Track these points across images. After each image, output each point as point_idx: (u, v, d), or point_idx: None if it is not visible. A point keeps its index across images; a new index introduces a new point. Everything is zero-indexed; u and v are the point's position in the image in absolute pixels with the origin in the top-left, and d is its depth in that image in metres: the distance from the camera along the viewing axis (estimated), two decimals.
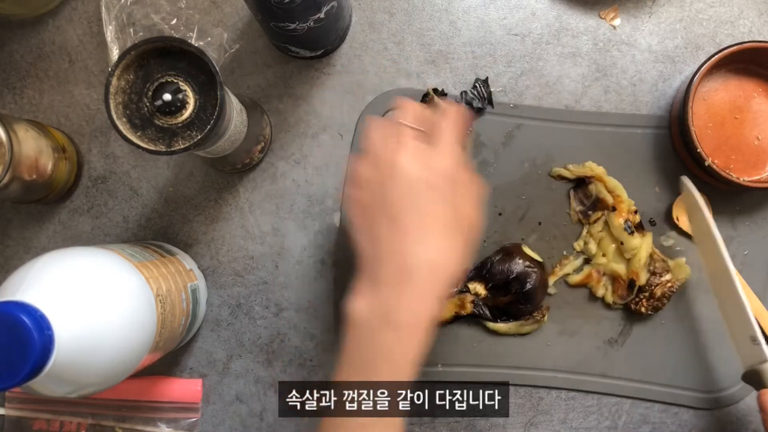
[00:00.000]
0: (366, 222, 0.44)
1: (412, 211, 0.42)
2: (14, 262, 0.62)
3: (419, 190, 0.42)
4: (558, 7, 0.62)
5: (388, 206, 0.42)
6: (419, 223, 0.42)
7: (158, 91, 0.45)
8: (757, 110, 0.59)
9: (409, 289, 0.41)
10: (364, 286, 0.43)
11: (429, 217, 0.42)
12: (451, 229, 0.43)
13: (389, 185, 0.42)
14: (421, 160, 0.42)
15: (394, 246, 0.42)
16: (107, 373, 0.44)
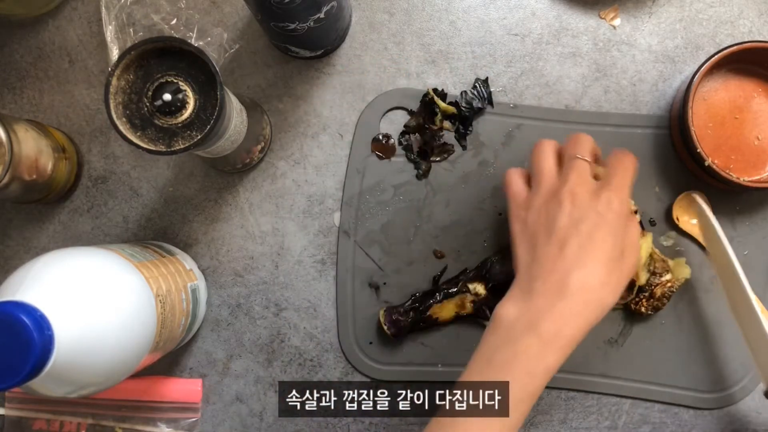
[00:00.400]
0: (531, 240, 0.47)
1: (579, 238, 0.45)
2: (14, 262, 0.62)
3: (590, 220, 0.46)
4: (558, 7, 0.62)
5: (557, 230, 0.46)
6: (583, 250, 0.45)
7: (158, 91, 0.45)
8: (757, 110, 0.59)
9: (562, 305, 0.44)
10: (518, 294, 0.46)
11: (593, 247, 0.45)
12: (612, 262, 0.46)
13: (561, 212, 0.46)
14: (594, 193, 0.47)
15: (555, 265, 0.45)
16: (107, 373, 0.44)
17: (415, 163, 0.61)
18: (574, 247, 0.45)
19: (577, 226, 0.45)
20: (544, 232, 0.47)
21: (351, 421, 0.60)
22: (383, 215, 0.61)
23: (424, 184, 0.61)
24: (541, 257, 0.46)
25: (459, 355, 0.60)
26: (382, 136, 0.61)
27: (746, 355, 0.59)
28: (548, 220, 0.47)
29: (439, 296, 0.58)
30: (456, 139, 0.61)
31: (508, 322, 0.45)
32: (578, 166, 0.48)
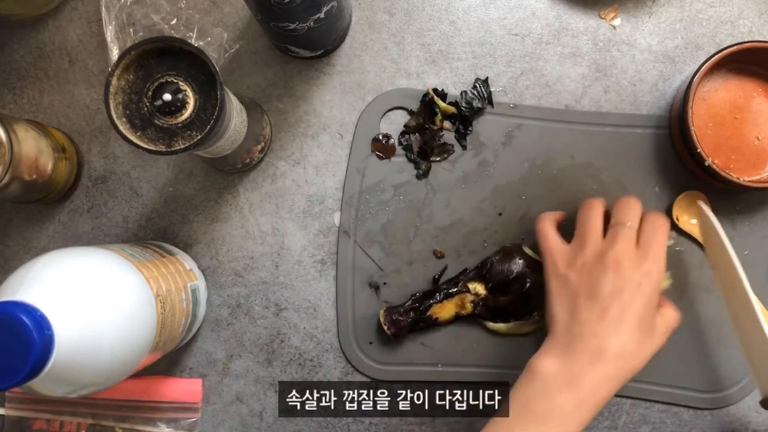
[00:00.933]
0: (572, 300, 0.50)
1: (620, 307, 0.48)
2: (14, 262, 0.62)
3: (631, 290, 0.48)
4: (558, 7, 0.62)
5: (598, 294, 0.48)
6: (623, 319, 0.48)
7: (158, 91, 0.45)
8: (757, 110, 0.59)
9: (600, 366, 0.47)
10: (556, 350, 0.49)
11: (632, 316, 0.48)
12: (647, 329, 0.49)
13: (606, 278, 0.49)
14: (637, 262, 0.49)
15: (596, 328, 0.48)
16: (107, 373, 0.44)
17: (415, 163, 0.61)
18: (615, 315, 0.48)
19: (620, 294, 0.48)
20: (586, 295, 0.49)
21: (351, 421, 0.60)
22: (383, 215, 0.61)
23: (424, 184, 0.61)
24: (582, 319, 0.48)
25: (459, 355, 0.60)
26: (382, 136, 0.61)
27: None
28: (591, 283, 0.49)
29: (439, 296, 0.58)
30: (456, 139, 0.61)
31: (547, 376, 0.47)
32: (626, 234, 0.50)
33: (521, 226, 0.61)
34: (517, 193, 0.61)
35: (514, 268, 0.57)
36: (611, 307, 0.48)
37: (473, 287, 0.58)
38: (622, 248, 0.49)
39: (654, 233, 0.51)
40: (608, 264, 0.49)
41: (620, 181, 0.60)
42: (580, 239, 0.52)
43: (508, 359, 0.60)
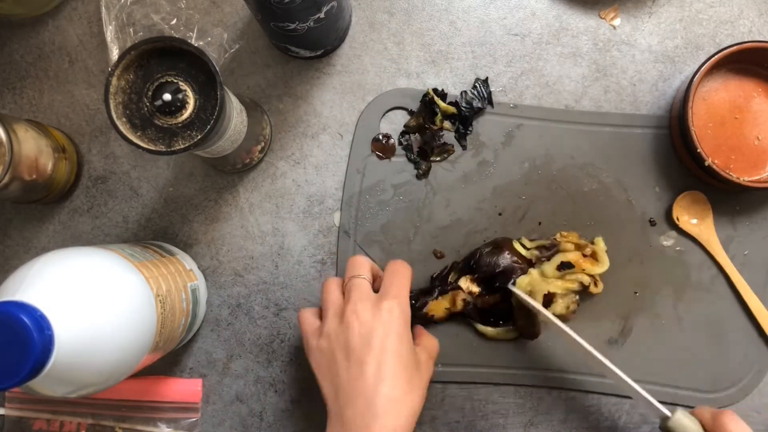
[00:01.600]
0: (329, 369, 0.48)
1: (372, 353, 0.46)
2: (14, 262, 0.62)
3: (378, 333, 0.47)
4: (558, 7, 0.62)
5: (350, 350, 0.47)
6: (380, 364, 0.46)
7: (158, 91, 0.45)
8: (757, 110, 0.59)
9: (376, 425, 0.45)
10: (333, 427, 0.47)
11: (389, 357, 0.46)
12: (410, 368, 0.48)
13: (351, 332, 0.48)
14: (375, 305, 0.48)
15: (357, 387, 0.46)
16: (107, 373, 0.44)
17: (415, 163, 0.61)
18: (373, 364, 0.46)
19: (369, 342, 0.47)
20: (342, 356, 0.48)
21: None
22: (383, 215, 0.61)
23: (424, 184, 0.61)
24: (343, 383, 0.47)
25: (458, 355, 0.60)
26: (382, 136, 0.61)
27: (746, 355, 0.59)
28: (341, 343, 0.48)
29: (435, 293, 0.58)
30: (456, 139, 0.61)
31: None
32: (357, 284, 0.50)
33: (521, 226, 0.61)
34: (517, 193, 0.61)
35: (502, 261, 0.56)
36: (366, 358, 0.46)
37: (465, 285, 0.58)
38: (356, 297, 0.49)
39: (393, 275, 0.51)
40: (349, 318, 0.48)
41: (620, 181, 0.60)
42: (323, 310, 0.52)
43: (507, 359, 0.60)
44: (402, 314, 0.48)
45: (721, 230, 0.60)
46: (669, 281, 0.60)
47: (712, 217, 0.60)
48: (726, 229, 0.60)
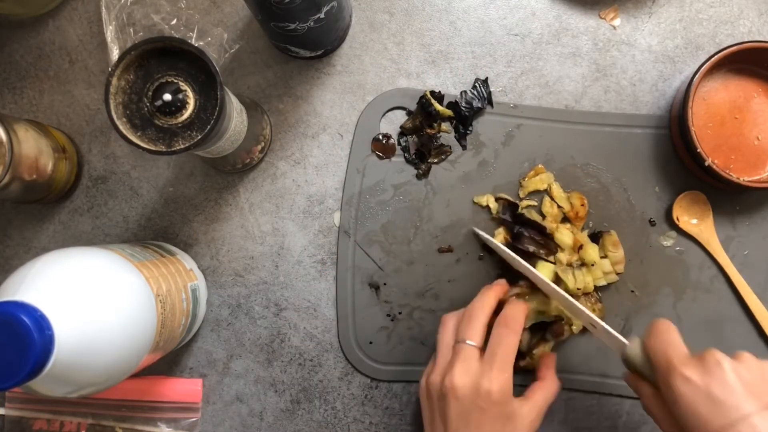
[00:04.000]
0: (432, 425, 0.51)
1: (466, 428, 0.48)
2: (14, 262, 0.62)
3: (474, 414, 0.48)
4: (558, 7, 0.62)
5: (446, 419, 0.49)
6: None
7: (158, 91, 0.45)
8: (757, 110, 0.59)
9: None
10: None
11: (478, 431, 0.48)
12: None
13: (446, 403, 0.49)
14: (474, 385, 0.49)
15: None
16: (107, 373, 0.44)
17: (414, 164, 0.61)
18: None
19: (466, 419, 0.48)
20: (440, 420, 0.50)
21: (351, 421, 0.60)
22: (383, 215, 0.61)
23: (424, 183, 0.61)
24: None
25: None
26: (382, 136, 0.61)
27: None
28: (440, 408, 0.50)
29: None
30: (456, 139, 0.61)
31: None
32: (464, 355, 0.50)
33: None
34: (517, 193, 0.61)
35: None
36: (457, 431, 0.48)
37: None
38: (459, 373, 0.49)
39: (499, 340, 0.50)
40: (447, 391, 0.49)
41: (620, 181, 0.60)
42: (435, 356, 0.53)
43: None
44: (499, 398, 0.48)
45: (721, 230, 0.60)
46: (669, 281, 0.60)
47: (712, 217, 0.60)
48: (726, 229, 0.60)
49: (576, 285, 0.57)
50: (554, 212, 0.59)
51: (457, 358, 0.50)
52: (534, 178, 0.60)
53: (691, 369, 0.43)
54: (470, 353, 0.50)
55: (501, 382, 0.49)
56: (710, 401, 0.42)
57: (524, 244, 0.58)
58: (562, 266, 0.57)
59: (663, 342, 0.46)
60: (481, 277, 0.60)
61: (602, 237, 0.59)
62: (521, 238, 0.58)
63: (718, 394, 0.42)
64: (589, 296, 0.58)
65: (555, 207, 0.59)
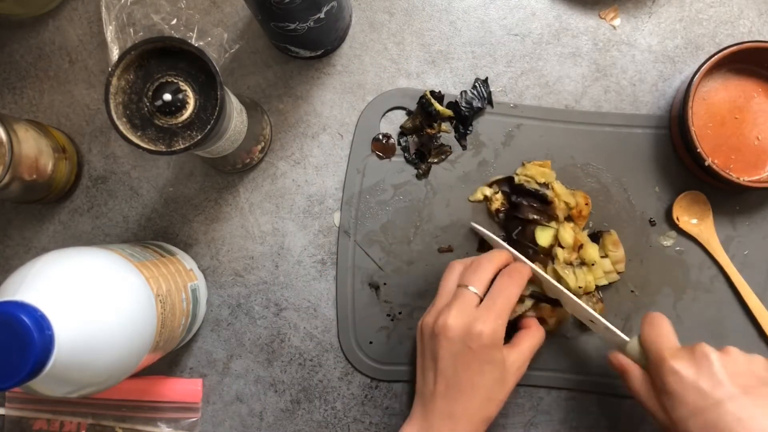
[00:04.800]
0: (422, 365, 0.52)
1: (457, 372, 0.49)
2: (14, 262, 0.62)
3: (464, 354, 0.49)
4: (558, 7, 0.62)
5: (437, 359, 0.50)
6: (458, 381, 0.49)
7: (158, 91, 0.45)
8: (757, 110, 0.59)
9: (455, 427, 0.49)
10: (417, 414, 0.51)
11: (471, 377, 0.49)
12: (492, 385, 0.49)
13: (438, 342, 0.50)
14: (466, 326, 0.49)
15: (439, 391, 0.50)
16: (107, 373, 0.44)
17: (414, 164, 0.61)
18: (450, 377, 0.49)
19: (455, 359, 0.49)
20: (430, 358, 0.51)
21: (351, 421, 0.60)
22: (383, 215, 0.61)
23: (424, 183, 0.61)
24: (428, 383, 0.50)
25: None
26: (382, 135, 0.61)
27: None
28: (432, 348, 0.51)
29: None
30: (456, 138, 0.61)
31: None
32: (463, 298, 0.51)
33: None
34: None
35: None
36: (447, 371, 0.49)
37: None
38: (454, 314, 0.50)
39: (500, 289, 0.51)
40: (439, 331, 0.50)
41: (620, 181, 0.60)
42: (438, 294, 0.53)
43: None
44: (489, 341, 0.49)
45: (721, 230, 0.60)
46: (669, 281, 0.60)
47: (712, 217, 0.60)
48: (726, 229, 0.60)
49: (577, 283, 0.57)
50: (561, 206, 0.58)
51: (455, 301, 0.51)
52: (537, 166, 0.59)
53: (680, 361, 0.46)
54: (470, 298, 0.51)
55: (494, 326, 0.49)
56: (697, 391, 0.44)
57: (524, 212, 0.58)
58: (561, 264, 0.57)
59: (655, 333, 0.49)
60: None
61: (602, 236, 0.59)
62: (520, 207, 0.58)
63: (704, 385, 0.44)
64: (590, 295, 0.58)
65: (562, 203, 0.59)
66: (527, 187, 0.59)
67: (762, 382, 0.44)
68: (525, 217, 0.58)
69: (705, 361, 0.45)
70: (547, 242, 0.57)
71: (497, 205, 0.59)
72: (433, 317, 0.51)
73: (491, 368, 0.49)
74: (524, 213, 0.58)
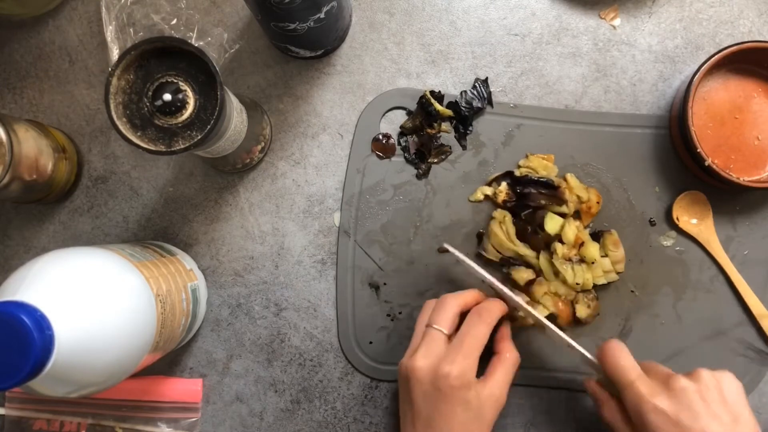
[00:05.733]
0: (402, 407, 0.51)
1: (430, 415, 0.49)
2: (14, 262, 0.62)
3: (434, 396, 0.49)
4: (558, 7, 0.62)
5: (412, 402, 0.50)
6: (433, 421, 0.49)
7: (158, 91, 0.45)
8: (757, 110, 0.59)
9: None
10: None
11: (445, 420, 0.48)
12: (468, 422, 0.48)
13: (410, 382, 0.50)
14: (433, 368, 0.49)
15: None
16: (107, 373, 0.44)
17: (414, 164, 0.61)
18: (430, 421, 0.49)
19: (428, 401, 0.49)
20: (409, 406, 0.50)
21: (351, 421, 0.60)
22: (383, 215, 0.61)
23: (424, 183, 0.61)
24: (406, 427, 0.50)
25: None
26: (382, 135, 0.61)
27: (745, 355, 0.59)
28: (407, 395, 0.50)
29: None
30: (456, 138, 0.61)
31: None
32: (429, 337, 0.51)
33: None
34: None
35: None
36: (422, 414, 0.49)
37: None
38: (421, 354, 0.50)
39: (468, 328, 0.51)
40: (409, 372, 0.50)
41: (620, 181, 0.60)
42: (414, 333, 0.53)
43: None
44: (457, 382, 0.48)
45: (721, 230, 0.60)
46: (669, 281, 0.60)
47: (712, 217, 0.60)
48: (726, 229, 0.60)
49: (575, 280, 0.57)
50: (573, 198, 0.58)
51: (423, 342, 0.51)
52: (540, 158, 0.59)
53: (659, 398, 0.47)
54: (436, 337, 0.51)
55: (462, 367, 0.49)
56: (678, 427, 0.46)
57: (535, 199, 0.58)
58: (560, 260, 0.57)
59: (619, 366, 0.50)
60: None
61: (603, 236, 0.59)
62: (530, 195, 0.58)
63: (685, 421, 0.46)
64: (587, 293, 0.58)
65: (574, 195, 0.58)
66: (531, 176, 0.58)
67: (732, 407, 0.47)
68: (537, 205, 0.58)
69: (683, 396, 0.47)
70: (554, 230, 0.57)
71: (503, 197, 0.59)
72: (407, 358, 0.51)
73: (463, 409, 0.48)
74: (535, 200, 0.58)
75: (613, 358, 0.50)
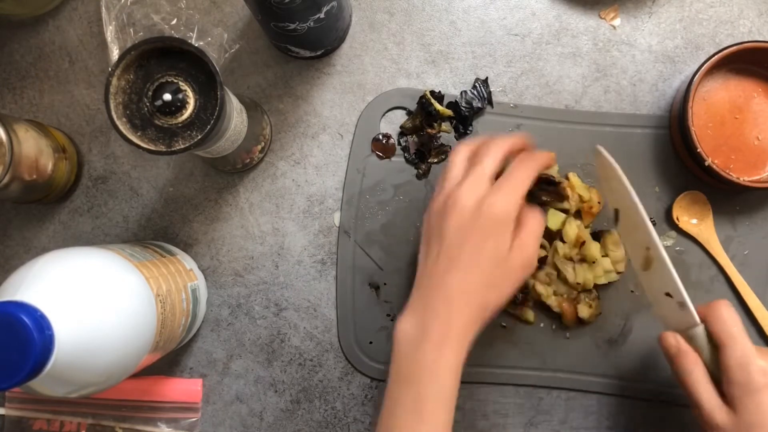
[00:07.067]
0: (426, 248, 0.49)
1: (461, 245, 0.46)
2: (14, 262, 0.62)
3: (470, 226, 0.46)
4: (558, 7, 0.62)
5: (443, 237, 0.47)
6: (464, 257, 0.46)
7: (158, 91, 0.45)
8: (757, 110, 0.59)
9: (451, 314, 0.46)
10: (412, 308, 0.48)
11: (474, 252, 0.46)
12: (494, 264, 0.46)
13: (446, 217, 0.47)
14: (478, 199, 0.46)
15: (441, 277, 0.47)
16: (107, 373, 0.44)
17: (414, 164, 0.61)
18: (454, 254, 0.46)
19: (463, 233, 0.46)
20: (437, 240, 0.48)
21: (351, 421, 0.60)
22: (383, 215, 0.61)
23: (424, 183, 0.61)
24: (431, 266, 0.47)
25: None
26: (382, 135, 0.61)
27: None
28: (439, 230, 0.48)
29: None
30: (456, 139, 0.61)
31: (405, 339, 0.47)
32: (476, 174, 0.48)
33: None
34: None
35: None
36: (453, 249, 0.46)
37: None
38: (466, 187, 0.47)
39: (517, 168, 0.48)
40: (449, 204, 0.47)
41: None
42: (439, 184, 0.50)
43: (508, 359, 0.60)
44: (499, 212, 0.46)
45: (721, 230, 0.60)
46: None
47: (712, 217, 0.60)
48: (726, 229, 0.60)
49: (576, 279, 0.57)
50: (575, 197, 0.58)
51: (467, 177, 0.48)
52: None
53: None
54: (482, 175, 0.48)
55: (507, 201, 0.46)
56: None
57: (538, 197, 0.57)
58: (561, 259, 0.57)
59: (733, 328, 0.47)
60: None
61: (603, 236, 0.59)
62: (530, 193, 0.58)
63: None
64: (588, 293, 0.58)
65: (576, 194, 0.58)
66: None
67: None
68: (539, 202, 0.58)
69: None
70: (556, 226, 0.57)
71: None
72: (444, 197, 0.48)
73: (494, 245, 0.46)
74: (538, 198, 0.58)
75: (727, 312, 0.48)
